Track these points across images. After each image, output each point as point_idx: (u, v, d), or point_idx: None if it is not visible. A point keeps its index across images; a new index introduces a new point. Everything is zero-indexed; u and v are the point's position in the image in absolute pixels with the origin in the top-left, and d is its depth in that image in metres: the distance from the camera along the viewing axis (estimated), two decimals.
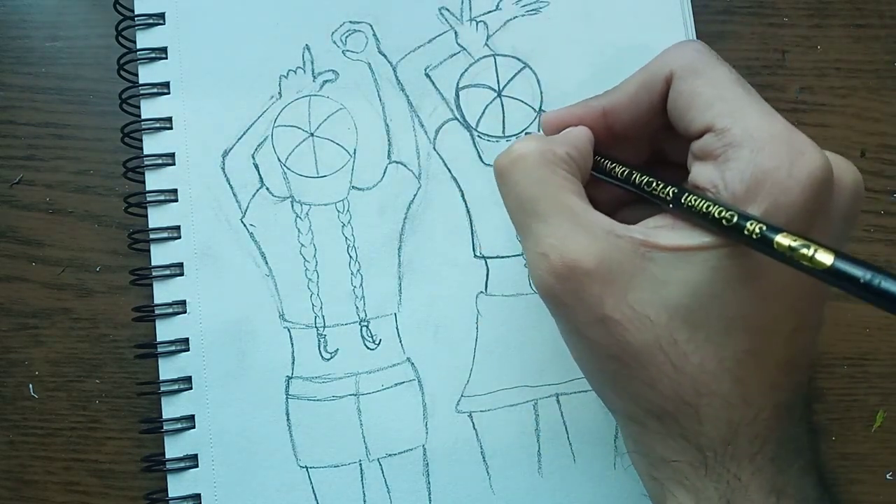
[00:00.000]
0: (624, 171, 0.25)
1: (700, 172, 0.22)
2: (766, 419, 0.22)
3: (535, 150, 0.24)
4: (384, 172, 0.35)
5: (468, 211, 0.35)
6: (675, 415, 0.22)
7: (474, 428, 0.33)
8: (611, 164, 0.26)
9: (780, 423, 0.22)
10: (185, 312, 0.33)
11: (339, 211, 0.35)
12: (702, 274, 0.21)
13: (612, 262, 0.22)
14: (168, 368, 0.33)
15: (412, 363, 0.34)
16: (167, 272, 0.34)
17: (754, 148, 0.21)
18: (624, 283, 0.22)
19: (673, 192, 0.23)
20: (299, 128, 0.35)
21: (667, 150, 0.28)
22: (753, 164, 0.21)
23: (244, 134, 0.35)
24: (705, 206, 0.21)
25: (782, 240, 0.19)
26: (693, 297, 0.21)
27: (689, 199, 0.22)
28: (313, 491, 0.33)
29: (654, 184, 0.24)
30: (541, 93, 0.36)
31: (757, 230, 0.19)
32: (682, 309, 0.21)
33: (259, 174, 0.35)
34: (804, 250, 0.18)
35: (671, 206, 0.23)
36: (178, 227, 0.34)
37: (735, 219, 0.20)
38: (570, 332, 0.24)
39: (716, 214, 0.21)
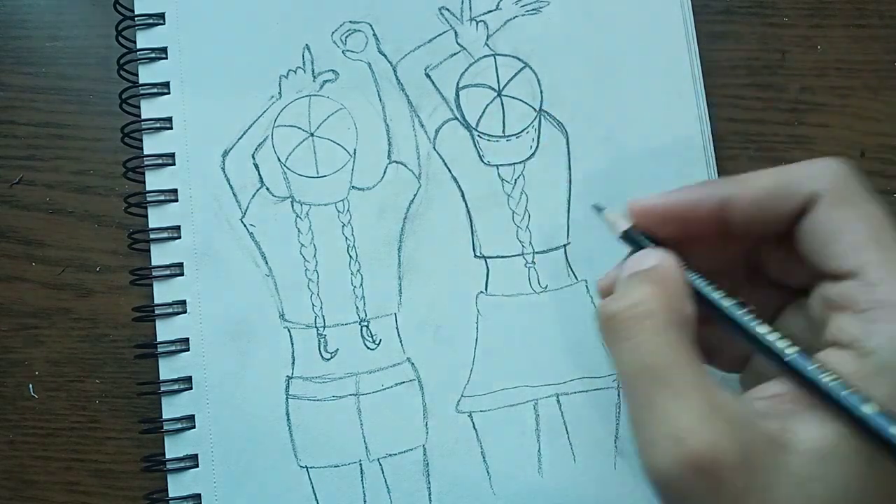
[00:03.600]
0: (734, 309, 0.21)
1: (842, 326, 0.19)
2: None
3: (664, 307, 0.20)
4: (384, 172, 0.35)
5: (468, 211, 0.35)
6: None
7: (474, 428, 0.33)
8: (713, 291, 0.22)
9: None
10: (185, 312, 0.33)
11: (339, 211, 0.35)
12: (850, 470, 0.18)
13: (754, 455, 0.18)
14: (168, 368, 0.33)
15: (412, 363, 0.34)
16: (167, 272, 0.34)
17: None
18: (766, 478, 0.18)
19: (775, 352, 0.20)
20: (299, 128, 0.35)
21: (765, 262, 0.24)
22: None
23: (244, 134, 0.35)
24: (814, 378, 0.19)
25: None
26: (843, 496, 0.18)
27: (792, 364, 0.19)
28: (313, 491, 0.33)
29: (772, 339, 0.20)
30: (541, 93, 0.36)
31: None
32: None
33: (259, 174, 0.35)
34: None
35: (772, 364, 0.20)
36: (178, 227, 0.34)
37: (850, 406, 0.18)
38: None
39: (831, 395, 0.18)
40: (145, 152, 0.35)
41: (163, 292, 0.34)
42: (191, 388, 0.33)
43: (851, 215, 0.20)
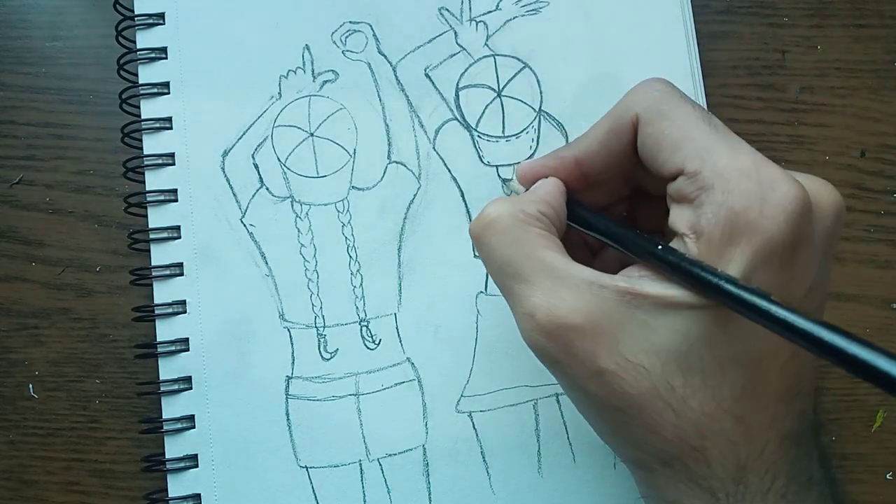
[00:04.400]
0: (600, 224, 0.26)
1: (678, 216, 0.23)
2: (773, 453, 0.22)
3: (505, 212, 0.24)
4: (384, 172, 0.35)
5: (468, 211, 0.35)
6: (682, 459, 0.22)
7: (474, 428, 0.33)
8: (586, 214, 0.26)
9: (788, 455, 0.22)
10: (185, 312, 0.33)
11: (339, 211, 0.35)
12: (689, 318, 0.21)
13: (600, 314, 0.22)
14: (168, 368, 0.33)
15: (412, 363, 0.34)
16: (167, 272, 0.34)
17: (724, 189, 0.21)
18: (614, 333, 0.22)
19: (648, 249, 0.23)
20: (299, 128, 0.35)
21: (645, 185, 0.28)
22: (725, 207, 0.21)
23: (244, 134, 0.35)
24: (677, 262, 0.21)
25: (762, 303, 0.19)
26: (683, 341, 0.21)
27: (661, 254, 0.22)
28: (313, 491, 0.33)
29: (629, 239, 0.24)
30: (540, 93, 0.36)
31: (739, 294, 0.20)
32: (674, 354, 0.21)
33: (259, 174, 0.35)
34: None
35: (645, 259, 0.23)
36: (178, 227, 0.34)
37: (707, 278, 0.20)
38: (569, 386, 0.24)
39: (692, 273, 0.21)
40: (145, 152, 0.35)
41: (163, 292, 0.34)
42: (191, 388, 0.33)
43: (665, 125, 0.23)
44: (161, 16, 0.35)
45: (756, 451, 0.22)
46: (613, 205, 0.29)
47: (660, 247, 0.22)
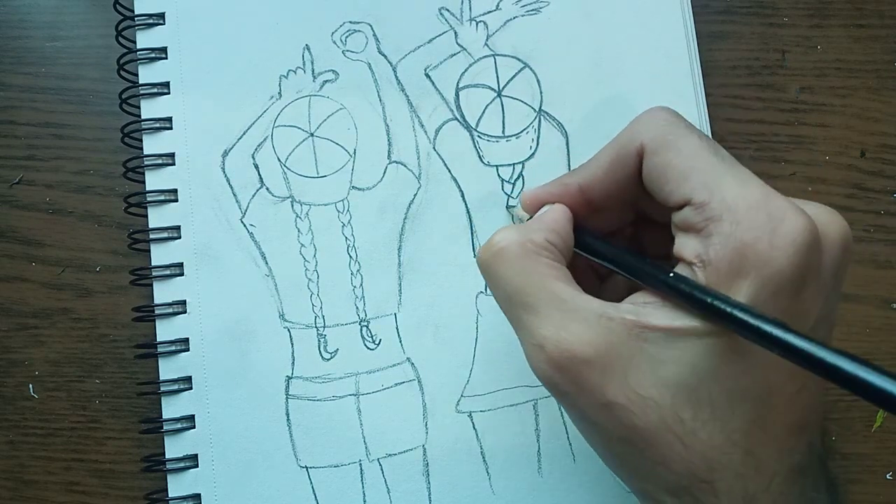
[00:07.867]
0: (607, 251, 0.25)
1: (684, 245, 0.22)
2: (781, 484, 0.22)
3: (514, 241, 0.24)
4: (384, 172, 0.35)
5: (468, 211, 0.35)
6: (690, 491, 0.22)
7: (474, 428, 0.33)
8: (593, 241, 0.26)
9: (796, 486, 0.22)
10: (185, 312, 0.33)
11: (339, 211, 0.35)
12: (698, 350, 0.21)
13: (609, 347, 0.22)
14: (168, 368, 0.33)
15: (412, 363, 0.34)
16: (167, 272, 0.34)
17: (733, 220, 0.21)
18: (623, 366, 0.21)
19: (659, 276, 0.23)
20: (299, 128, 0.35)
21: (650, 212, 0.28)
22: (734, 239, 0.21)
23: (244, 134, 0.35)
24: (689, 291, 0.21)
25: (771, 329, 0.19)
26: (693, 374, 0.21)
27: (672, 282, 0.22)
28: (313, 491, 0.33)
29: (638, 267, 0.24)
30: (541, 93, 0.36)
31: (745, 318, 0.20)
32: (684, 387, 0.21)
33: (259, 174, 0.35)
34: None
35: (655, 287, 0.23)
36: (178, 227, 0.34)
37: (720, 307, 0.20)
38: (577, 417, 0.24)
39: (705, 301, 0.21)
40: (145, 152, 0.35)
41: (163, 292, 0.34)
42: (191, 388, 0.33)
43: (672, 155, 0.23)
44: (161, 16, 0.36)
45: (764, 483, 0.21)
46: (618, 230, 0.29)
47: (671, 274, 0.22)
